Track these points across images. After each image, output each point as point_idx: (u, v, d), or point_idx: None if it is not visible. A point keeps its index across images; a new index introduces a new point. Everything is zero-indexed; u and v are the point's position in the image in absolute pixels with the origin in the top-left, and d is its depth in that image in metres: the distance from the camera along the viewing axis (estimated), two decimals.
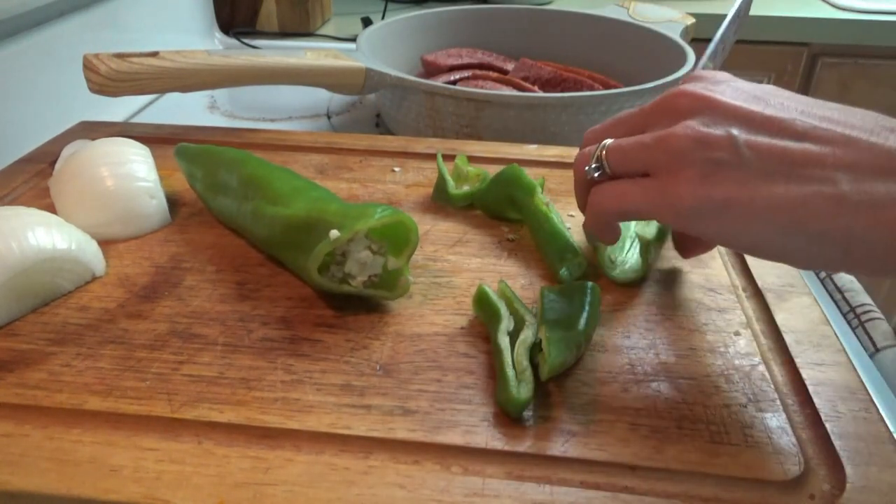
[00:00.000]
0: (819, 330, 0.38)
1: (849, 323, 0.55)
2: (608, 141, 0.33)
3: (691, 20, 0.80)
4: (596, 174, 0.34)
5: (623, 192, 0.32)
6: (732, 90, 0.30)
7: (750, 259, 0.43)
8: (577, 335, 0.34)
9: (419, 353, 0.36)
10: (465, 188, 0.50)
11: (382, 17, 1.09)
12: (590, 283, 0.37)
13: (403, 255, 0.38)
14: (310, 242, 0.37)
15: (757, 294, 0.41)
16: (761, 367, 0.35)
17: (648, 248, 0.42)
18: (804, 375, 0.34)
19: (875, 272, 0.27)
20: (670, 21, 0.78)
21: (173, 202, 0.49)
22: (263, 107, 0.79)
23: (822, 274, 0.59)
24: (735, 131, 0.28)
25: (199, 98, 0.81)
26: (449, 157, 0.56)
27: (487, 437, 0.31)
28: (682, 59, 0.66)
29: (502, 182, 0.47)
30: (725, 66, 0.56)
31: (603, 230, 0.35)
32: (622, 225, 0.42)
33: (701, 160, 0.28)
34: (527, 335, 0.34)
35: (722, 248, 0.44)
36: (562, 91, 0.72)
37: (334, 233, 0.36)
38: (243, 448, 0.30)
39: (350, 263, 0.38)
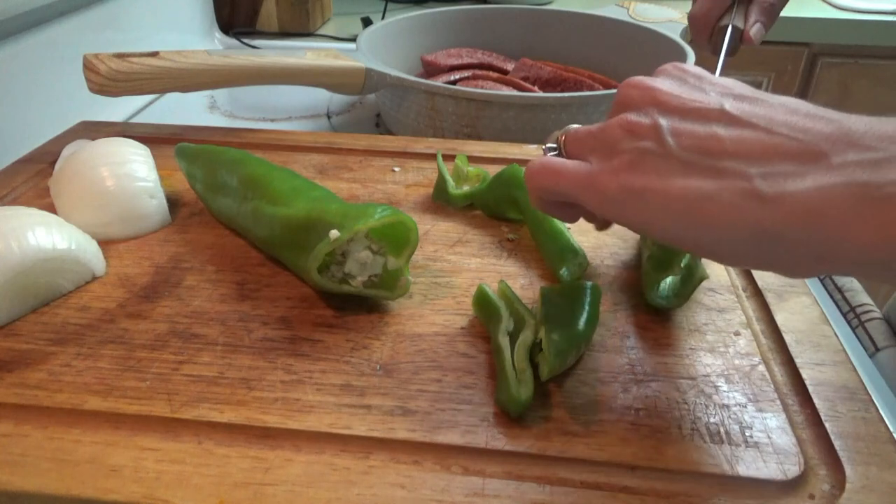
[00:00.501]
0: (819, 330, 0.38)
1: (849, 323, 0.55)
2: (572, 126, 0.34)
3: None
4: (550, 154, 0.34)
5: (557, 170, 0.32)
6: (676, 80, 0.31)
7: None
8: (576, 335, 0.34)
9: (419, 353, 0.36)
10: (465, 188, 0.50)
11: (382, 17, 1.09)
12: (590, 283, 0.37)
13: (403, 255, 0.38)
14: (310, 242, 0.37)
15: (757, 294, 0.41)
16: (761, 367, 0.35)
17: (694, 278, 0.40)
18: (804, 375, 0.34)
19: (793, 270, 0.27)
20: (670, 21, 0.78)
21: (173, 202, 0.49)
22: (263, 107, 0.79)
23: None
24: (662, 120, 0.29)
25: (199, 98, 0.81)
26: (449, 157, 0.56)
27: (487, 437, 0.31)
28: (682, 59, 0.66)
29: (502, 182, 0.47)
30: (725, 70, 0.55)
31: (543, 207, 0.34)
32: (678, 256, 0.41)
33: (629, 149, 0.29)
34: (527, 335, 0.34)
35: None
36: (562, 91, 0.72)
37: (334, 233, 0.36)
38: (243, 448, 0.30)
39: (350, 263, 0.38)
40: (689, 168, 0.27)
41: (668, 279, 0.40)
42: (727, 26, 0.56)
